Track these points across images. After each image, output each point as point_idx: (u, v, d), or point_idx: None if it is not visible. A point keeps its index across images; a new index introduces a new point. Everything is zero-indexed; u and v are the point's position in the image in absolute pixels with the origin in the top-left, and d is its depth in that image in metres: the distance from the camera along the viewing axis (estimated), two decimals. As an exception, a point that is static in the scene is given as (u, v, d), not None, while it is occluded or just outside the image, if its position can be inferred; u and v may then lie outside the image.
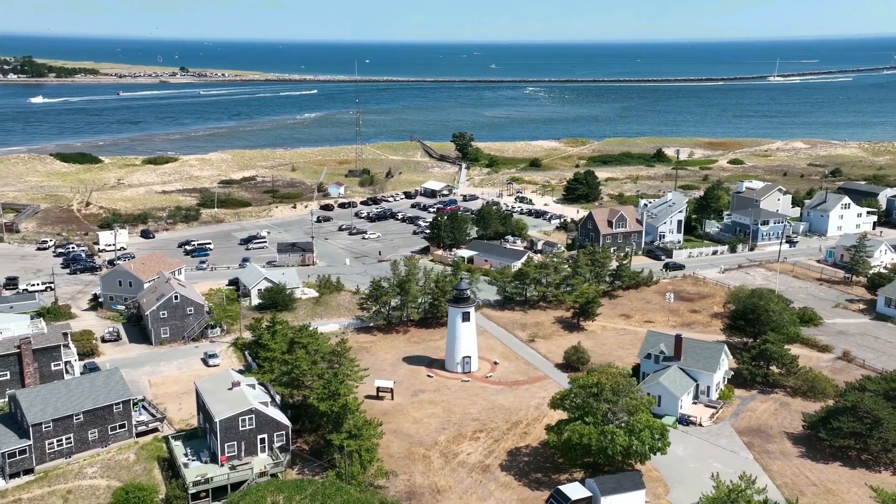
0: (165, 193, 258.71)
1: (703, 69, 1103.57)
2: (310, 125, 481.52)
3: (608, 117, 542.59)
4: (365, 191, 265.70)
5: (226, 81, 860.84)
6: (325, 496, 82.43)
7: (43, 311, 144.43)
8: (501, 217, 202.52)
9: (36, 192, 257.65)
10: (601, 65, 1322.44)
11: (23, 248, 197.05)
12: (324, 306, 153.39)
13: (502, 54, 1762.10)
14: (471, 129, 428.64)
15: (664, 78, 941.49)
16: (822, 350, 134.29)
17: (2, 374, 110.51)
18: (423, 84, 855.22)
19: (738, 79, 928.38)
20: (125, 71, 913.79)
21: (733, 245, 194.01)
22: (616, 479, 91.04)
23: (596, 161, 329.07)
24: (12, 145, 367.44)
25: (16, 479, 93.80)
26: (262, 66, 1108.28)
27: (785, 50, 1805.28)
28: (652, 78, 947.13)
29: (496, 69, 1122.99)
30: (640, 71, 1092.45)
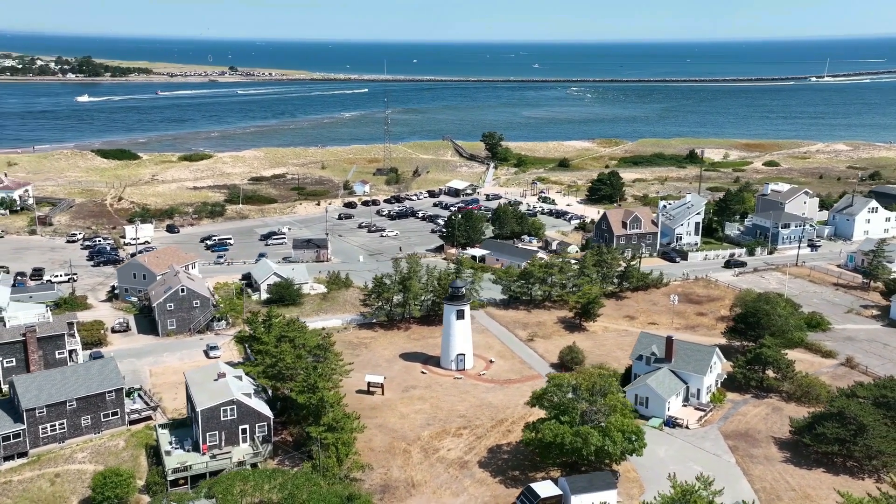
0: (196, 189, 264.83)
1: (753, 69, 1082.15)
2: (347, 124, 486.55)
3: (648, 118, 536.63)
4: (390, 189, 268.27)
5: (272, 80, 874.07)
6: (294, 486, 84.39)
7: (60, 302, 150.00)
8: (518, 217, 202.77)
9: (73, 186, 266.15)
10: (649, 64, 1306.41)
11: (53, 241, 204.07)
12: (330, 302, 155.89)
13: (550, 54, 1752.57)
14: (506, 128, 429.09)
15: (712, 78, 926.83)
16: (826, 356, 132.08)
17: (8, 361, 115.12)
18: (467, 84, 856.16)
19: (788, 79, 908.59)
20: (177, 70, 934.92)
21: (751, 248, 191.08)
22: (587, 478, 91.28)
23: (627, 162, 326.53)
24: (64, 141, 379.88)
25: (10, 461, 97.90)
26: (311, 65, 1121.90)
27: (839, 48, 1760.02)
28: (699, 78, 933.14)
29: (539, 68, 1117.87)
30: (688, 71, 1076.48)
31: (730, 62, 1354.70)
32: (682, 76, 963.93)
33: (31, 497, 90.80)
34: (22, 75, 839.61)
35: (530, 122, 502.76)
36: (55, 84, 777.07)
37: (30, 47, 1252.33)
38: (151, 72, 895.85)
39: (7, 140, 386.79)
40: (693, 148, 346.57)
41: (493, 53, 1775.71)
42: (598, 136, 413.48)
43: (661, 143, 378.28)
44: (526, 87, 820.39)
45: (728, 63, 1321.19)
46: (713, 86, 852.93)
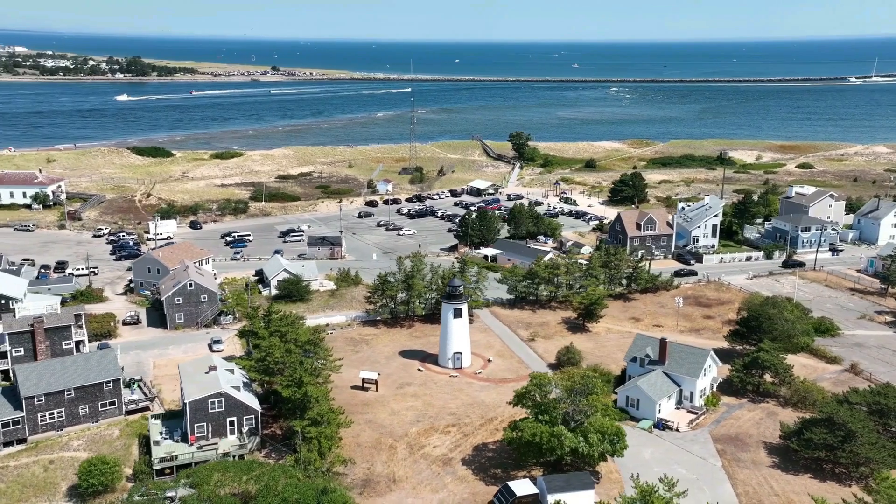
0: (224, 187, 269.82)
1: (800, 69, 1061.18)
2: (380, 123, 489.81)
3: (684, 119, 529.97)
4: (413, 188, 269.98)
5: (312, 80, 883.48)
6: (270, 478, 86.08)
7: (77, 294, 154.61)
8: (533, 217, 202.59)
9: (106, 182, 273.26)
10: (694, 64, 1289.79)
11: (80, 235, 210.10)
12: (338, 298, 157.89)
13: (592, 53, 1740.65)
14: (539, 129, 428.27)
15: (756, 78, 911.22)
16: (831, 361, 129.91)
17: (17, 350, 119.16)
18: (505, 84, 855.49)
19: (834, 79, 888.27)
20: (220, 70, 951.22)
21: (769, 252, 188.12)
22: (565, 478, 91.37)
23: (655, 163, 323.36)
24: (107, 139, 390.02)
25: (9, 447, 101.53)
26: (353, 65, 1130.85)
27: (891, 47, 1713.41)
28: (743, 78, 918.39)
29: (579, 68, 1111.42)
30: (733, 71, 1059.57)
31: (777, 62, 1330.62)
32: (725, 76, 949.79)
33: (23, 482, 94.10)
34: (74, 75, 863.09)
35: (563, 122, 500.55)
36: (104, 83, 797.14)
37: (84, 48, 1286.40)
38: (196, 71, 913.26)
39: (55, 137, 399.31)
40: (724, 149, 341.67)
41: (536, 53, 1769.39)
42: (631, 136, 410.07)
43: (692, 144, 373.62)
44: (565, 87, 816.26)
45: (775, 63, 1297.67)
46: (757, 86, 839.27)
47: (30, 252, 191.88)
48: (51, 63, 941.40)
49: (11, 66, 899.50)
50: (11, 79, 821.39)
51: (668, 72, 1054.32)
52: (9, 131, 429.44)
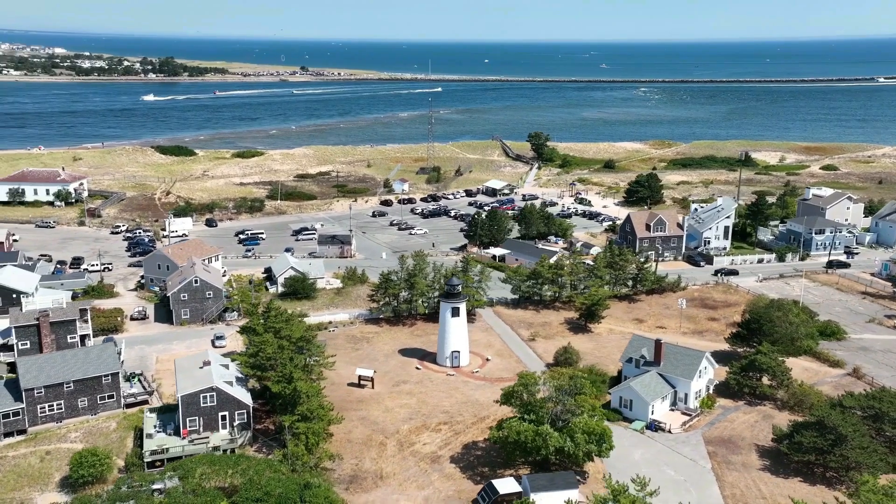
0: (242, 185, 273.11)
1: (833, 69, 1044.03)
2: (403, 123, 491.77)
3: (710, 119, 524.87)
4: (429, 188, 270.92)
5: (340, 80, 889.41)
6: (255, 472, 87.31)
7: (88, 289, 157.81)
8: (544, 217, 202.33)
9: (128, 180, 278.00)
10: (725, 64, 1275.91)
11: (99, 232, 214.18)
12: (344, 297, 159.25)
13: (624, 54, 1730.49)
14: (562, 129, 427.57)
15: (788, 78, 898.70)
16: (833, 365, 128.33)
17: (23, 343, 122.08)
18: (533, 84, 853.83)
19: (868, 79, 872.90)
20: (250, 70, 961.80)
21: (782, 254, 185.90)
22: (549, 477, 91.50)
23: (676, 164, 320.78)
24: (135, 138, 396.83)
25: (9, 437, 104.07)
26: (383, 65, 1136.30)
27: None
28: (774, 78, 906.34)
29: (607, 69, 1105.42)
30: (765, 71, 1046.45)
31: (810, 61, 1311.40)
32: (756, 76, 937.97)
33: (19, 472, 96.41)
34: (108, 75, 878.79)
35: (587, 123, 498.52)
36: (137, 83, 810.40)
37: (121, 49, 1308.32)
38: (227, 72, 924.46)
39: (87, 137, 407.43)
40: (747, 150, 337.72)
41: (566, 53, 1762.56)
42: (655, 137, 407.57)
43: (715, 145, 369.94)
44: (593, 88, 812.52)
45: (808, 62, 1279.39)
46: (788, 86, 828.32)
47: (49, 248, 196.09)
48: (87, 64, 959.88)
49: (50, 66, 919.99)
50: (49, 79, 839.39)
51: (699, 72, 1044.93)
52: (43, 130, 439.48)
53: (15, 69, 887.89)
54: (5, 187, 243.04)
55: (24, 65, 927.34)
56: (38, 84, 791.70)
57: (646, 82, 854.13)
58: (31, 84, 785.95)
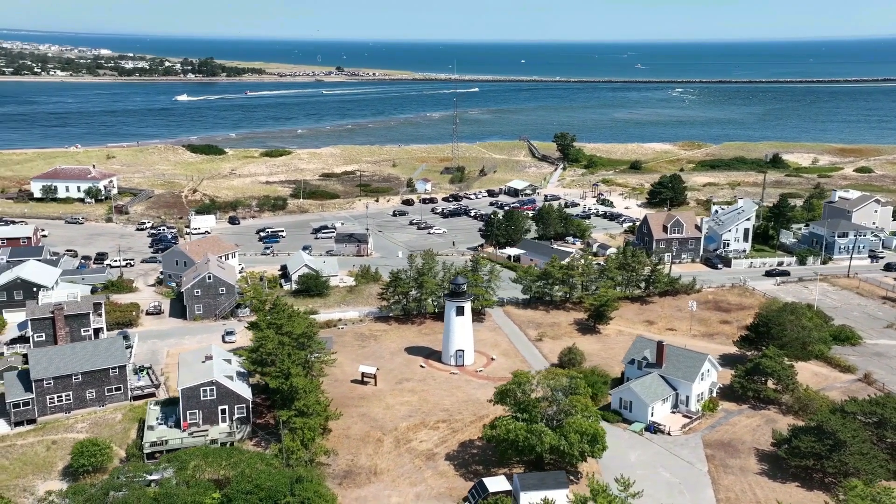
0: (268, 184, 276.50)
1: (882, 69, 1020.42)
2: (433, 123, 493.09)
3: (745, 121, 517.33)
4: (452, 188, 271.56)
5: (375, 80, 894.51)
6: (247, 465, 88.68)
7: (108, 284, 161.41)
8: (562, 218, 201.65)
9: (157, 178, 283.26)
10: (767, 64, 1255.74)
11: (125, 228, 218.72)
12: (356, 294, 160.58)
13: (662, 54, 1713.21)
14: (593, 130, 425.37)
15: (830, 79, 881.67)
16: (845, 370, 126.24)
17: (38, 336, 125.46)
18: (567, 84, 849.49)
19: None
20: (287, 70, 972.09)
21: (802, 257, 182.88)
22: (540, 476, 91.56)
23: (704, 165, 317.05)
24: (170, 137, 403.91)
25: (20, 426, 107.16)
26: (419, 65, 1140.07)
27: None
28: (815, 79, 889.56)
29: (642, 69, 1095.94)
30: (806, 71, 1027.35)
31: (856, 61, 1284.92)
32: (798, 77, 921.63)
33: (25, 460, 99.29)
34: (149, 76, 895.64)
35: (617, 123, 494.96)
36: (176, 84, 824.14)
37: (165, 50, 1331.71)
38: (264, 72, 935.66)
39: (125, 135, 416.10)
40: (778, 152, 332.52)
41: (603, 54, 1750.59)
42: (686, 138, 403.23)
43: (746, 146, 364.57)
44: (628, 89, 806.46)
45: (855, 62, 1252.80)
46: (830, 87, 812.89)
47: (76, 243, 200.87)
48: (130, 65, 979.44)
49: (94, 67, 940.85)
50: (93, 79, 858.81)
51: (740, 72, 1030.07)
52: (84, 129, 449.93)
53: (61, 70, 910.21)
54: (39, 184, 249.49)
55: (71, 66, 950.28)
56: (83, 84, 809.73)
57: (682, 83, 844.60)
58: (76, 84, 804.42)
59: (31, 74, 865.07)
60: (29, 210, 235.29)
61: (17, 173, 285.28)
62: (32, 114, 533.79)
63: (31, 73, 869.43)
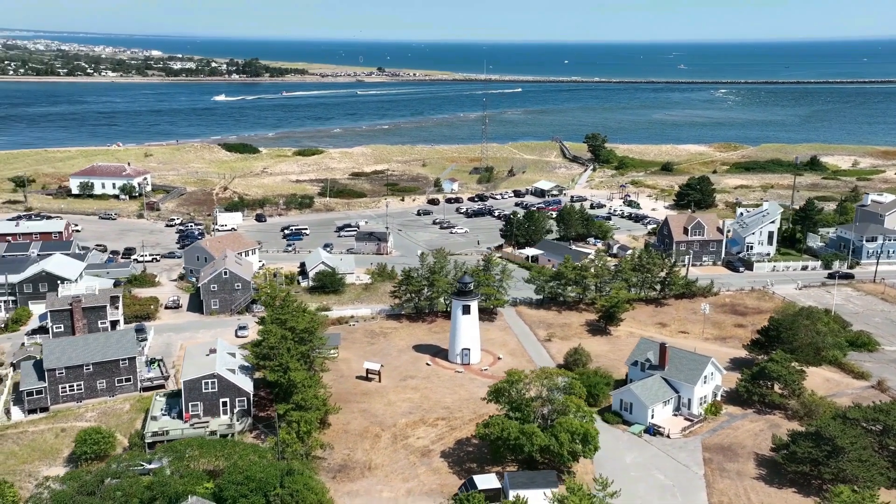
0: (298, 183, 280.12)
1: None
2: (468, 123, 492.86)
3: (788, 122, 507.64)
4: (479, 188, 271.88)
5: (415, 81, 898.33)
6: (239, 457, 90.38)
7: (131, 278, 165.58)
8: (584, 219, 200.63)
9: (191, 176, 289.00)
10: (818, 64, 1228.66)
11: (155, 225, 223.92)
12: (371, 292, 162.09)
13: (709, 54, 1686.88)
14: (629, 131, 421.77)
15: (884, 79, 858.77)
16: (858, 377, 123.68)
17: (57, 327, 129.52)
18: (608, 85, 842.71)
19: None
20: (329, 70, 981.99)
21: (828, 261, 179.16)
22: (530, 475, 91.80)
23: (739, 167, 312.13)
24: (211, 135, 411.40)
25: (33, 414, 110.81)
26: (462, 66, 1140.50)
27: None
28: (867, 79, 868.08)
29: (685, 69, 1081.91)
30: (858, 72, 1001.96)
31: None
32: (849, 77, 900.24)
33: (34, 447, 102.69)
34: (195, 76, 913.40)
35: (654, 124, 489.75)
36: (221, 84, 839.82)
37: (212, 51, 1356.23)
38: (306, 72, 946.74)
39: (168, 134, 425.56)
40: (816, 154, 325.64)
41: (648, 54, 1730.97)
42: (725, 140, 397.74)
43: (784, 148, 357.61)
44: (671, 89, 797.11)
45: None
46: (883, 87, 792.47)
47: (106, 238, 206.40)
48: (178, 65, 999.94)
49: (143, 68, 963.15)
50: (141, 80, 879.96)
51: (788, 73, 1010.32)
52: (130, 128, 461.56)
53: (113, 71, 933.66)
54: (77, 181, 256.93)
55: (122, 66, 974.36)
56: (132, 84, 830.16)
57: (727, 83, 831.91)
58: (125, 84, 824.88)
59: (83, 75, 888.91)
60: (66, 206, 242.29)
61: (59, 170, 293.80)
62: (82, 113, 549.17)
63: (83, 74, 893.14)
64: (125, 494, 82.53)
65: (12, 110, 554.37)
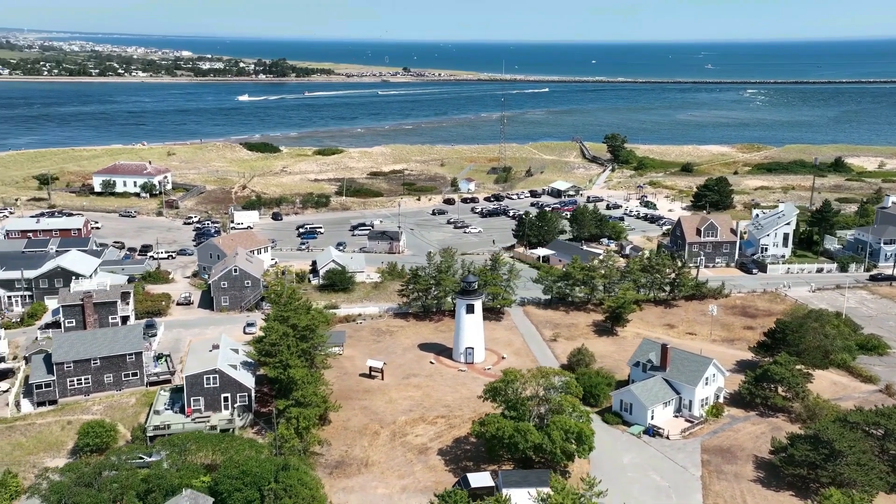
0: (316, 182, 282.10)
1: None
2: (491, 123, 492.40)
3: (816, 122, 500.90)
4: (496, 187, 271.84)
5: (440, 81, 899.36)
6: (235, 451, 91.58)
7: (146, 275, 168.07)
8: (597, 219, 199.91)
9: (211, 175, 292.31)
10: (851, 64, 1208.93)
11: (173, 222, 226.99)
12: (380, 291, 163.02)
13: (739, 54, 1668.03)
14: (652, 131, 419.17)
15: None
16: (866, 380, 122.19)
17: (69, 322, 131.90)
18: (634, 85, 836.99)
19: None
20: (354, 71, 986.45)
21: (844, 264, 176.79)
22: (523, 474, 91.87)
23: (761, 168, 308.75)
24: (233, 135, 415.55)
25: (42, 406, 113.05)
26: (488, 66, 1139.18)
27: None
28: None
29: (713, 69, 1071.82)
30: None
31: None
32: (885, 77, 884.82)
33: (40, 438, 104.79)
34: (223, 76, 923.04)
35: (678, 125, 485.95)
36: (248, 84, 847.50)
37: (241, 51, 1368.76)
38: (332, 72, 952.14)
39: (193, 133, 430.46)
40: (842, 155, 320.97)
41: (677, 54, 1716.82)
42: (749, 140, 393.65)
43: (808, 149, 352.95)
44: (698, 90, 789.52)
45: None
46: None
47: (125, 235, 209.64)
48: (207, 65, 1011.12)
49: (173, 68, 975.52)
50: (170, 80, 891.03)
51: (820, 72, 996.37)
52: (157, 127, 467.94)
53: (143, 71, 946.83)
54: (99, 179, 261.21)
55: (152, 67, 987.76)
56: (161, 84, 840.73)
57: (755, 83, 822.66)
58: (154, 84, 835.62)
59: (115, 75, 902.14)
60: (88, 203, 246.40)
61: (84, 168, 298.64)
62: (112, 112, 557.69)
63: (115, 74, 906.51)
64: (121, 486, 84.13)
65: (45, 110, 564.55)
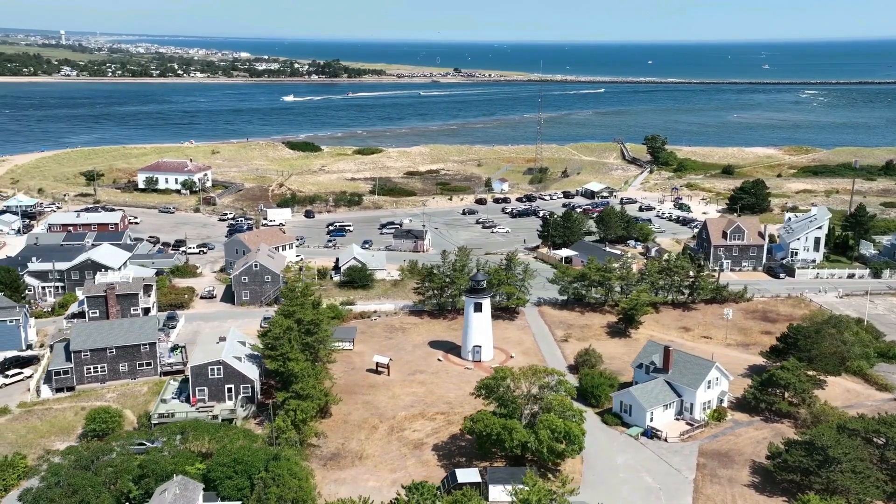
0: (352, 181, 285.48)
1: None
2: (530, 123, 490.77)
3: (875, 124, 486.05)
4: (530, 188, 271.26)
5: (489, 82, 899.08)
6: (230, 441, 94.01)
7: (174, 269, 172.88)
8: (625, 221, 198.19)
9: (251, 173, 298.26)
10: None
11: (209, 219, 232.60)
12: (399, 288, 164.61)
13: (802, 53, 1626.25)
14: (698, 133, 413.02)
15: None
16: (882, 388, 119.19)
17: (93, 312, 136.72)
18: (688, 86, 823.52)
19: None
20: (406, 71, 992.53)
21: (878, 269, 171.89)
22: (509, 471, 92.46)
23: (806, 171, 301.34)
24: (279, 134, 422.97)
25: (60, 392, 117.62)
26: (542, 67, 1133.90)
27: None
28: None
29: (770, 69, 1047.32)
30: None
31: None
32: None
33: (54, 423, 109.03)
34: (276, 77, 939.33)
35: (726, 126, 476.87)
36: (300, 84, 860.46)
37: (297, 52, 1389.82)
38: (384, 73, 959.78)
39: (243, 133, 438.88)
40: (893, 159, 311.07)
41: (736, 54, 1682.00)
42: (800, 142, 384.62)
43: (860, 152, 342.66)
44: (755, 90, 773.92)
45: None
46: None
47: (162, 231, 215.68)
48: (262, 66, 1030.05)
49: (230, 69, 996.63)
50: (226, 80, 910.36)
51: (888, 72, 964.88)
52: (210, 127, 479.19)
53: (201, 72, 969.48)
54: (143, 176, 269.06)
55: (210, 68, 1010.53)
56: (217, 85, 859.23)
57: (815, 84, 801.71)
58: (210, 85, 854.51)
59: (174, 76, 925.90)
60: (131, 199, 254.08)
61: (132, 166, 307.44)
62: (168, 112, 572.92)
63: (174, 75, 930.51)
64: (116, 471, 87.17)
65: (106, 109, 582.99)
